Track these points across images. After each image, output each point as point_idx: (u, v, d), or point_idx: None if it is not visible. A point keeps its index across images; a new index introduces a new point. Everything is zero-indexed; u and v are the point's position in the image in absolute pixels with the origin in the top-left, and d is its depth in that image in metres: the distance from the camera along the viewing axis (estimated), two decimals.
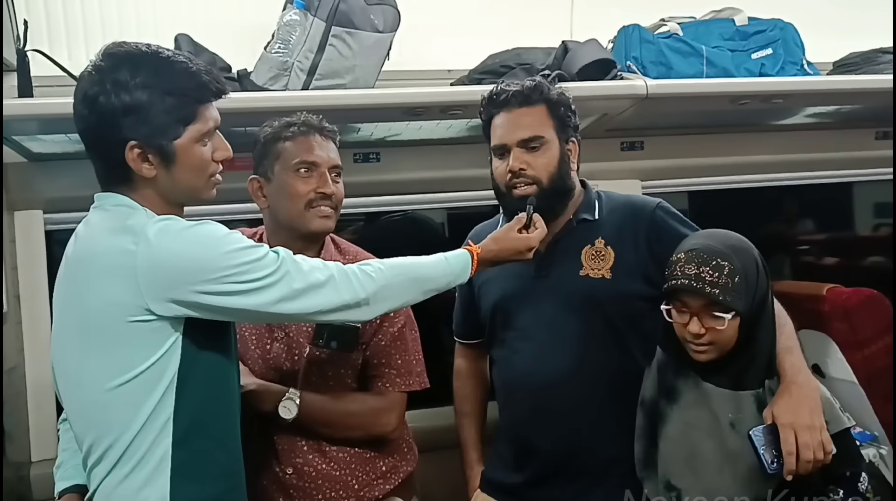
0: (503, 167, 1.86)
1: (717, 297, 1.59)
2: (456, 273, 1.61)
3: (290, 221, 1.80)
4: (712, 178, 3.02)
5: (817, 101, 2.69)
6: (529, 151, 1.84)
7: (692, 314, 1.63)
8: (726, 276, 1.59)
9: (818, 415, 1.58)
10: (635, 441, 1.79)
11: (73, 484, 1.58)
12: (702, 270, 1.60)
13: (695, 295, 1.61)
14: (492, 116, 1.90)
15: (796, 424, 1.56)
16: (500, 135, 1.87)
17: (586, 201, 1.94)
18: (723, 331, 1.61)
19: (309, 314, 1.44)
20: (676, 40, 2.57)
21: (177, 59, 1.41)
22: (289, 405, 1.75)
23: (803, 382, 1.63)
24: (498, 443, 2.03)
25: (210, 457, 1.44)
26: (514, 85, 1.88)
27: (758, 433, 1.60)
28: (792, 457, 1.54)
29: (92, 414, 1.40)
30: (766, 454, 1.58)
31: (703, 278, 1.59)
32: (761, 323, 1.66)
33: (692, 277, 1.60)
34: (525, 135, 1.84)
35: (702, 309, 1.62)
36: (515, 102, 1.86)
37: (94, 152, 1.43)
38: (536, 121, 1.85)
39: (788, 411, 1.58)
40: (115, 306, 1.34)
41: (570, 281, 1.87)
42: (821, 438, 1.56)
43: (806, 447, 1.54)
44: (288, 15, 2.22)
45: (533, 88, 1.86)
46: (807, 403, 1.59)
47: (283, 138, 1.82)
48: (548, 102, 1.87)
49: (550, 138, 1.86)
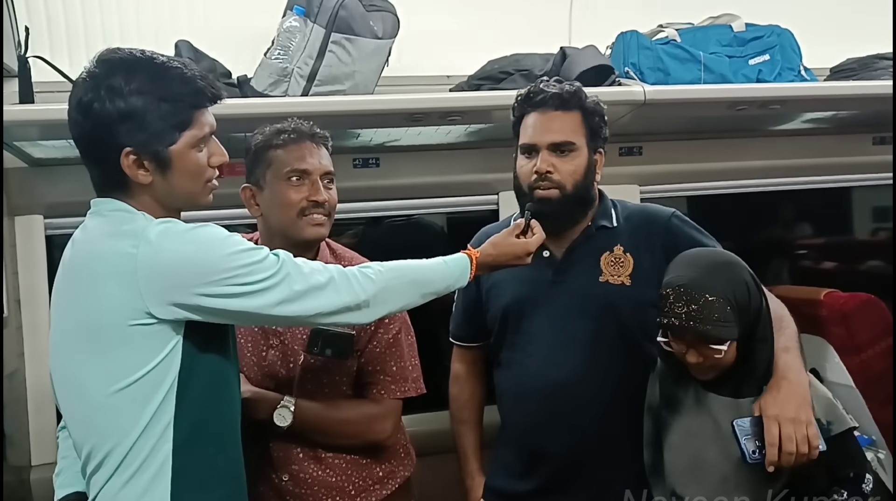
0: (529, 167, 1.85)
1: (708, 333, 1.59)
2: (455, 277, 1.61)
3: (283, 229, 1.79)
4: (710, 183, 3.02)
5: (814, 106, 2.70)
6: (559, 155, 1.84)
7: (688, 346, 1.64)
8: (716, 311, 1.59)
9: (805, 410, 1.58)
10: (644, 448, 1.80)
11: (73, 492, 1.56)
12: (690, 308, 1.59)
13: (687, 333, 1.62)
14: (525, 113, 1.89)
15: (781, 416, 1.57)
16: (530, 134, 1.86)
17: (603, 208, 1.94)
18: (721, 358, 1.62)
19: (309, 316, 1.43)
20: (674, 46, 2.58)
21: (171, 65, 1.39)
22: (284, 412, 1.74)
23: (794, 378, 1.64)
24: (502, 450, 2.01)
25: (211, 462, 1.43)
26: (554, 87, 1.86)
27: (742, 424, 1.61)
28: (774, 448, 1.55)
29: (91, 420, 1.39)
30: (748, 444, 1.59)
31: (693, 317, 1.59)
32: (758, 335, 1.67)
33: (682, 316, 1.60)
34: (557, 138, 1.84)
35: (697, 341, 1.62)
36: (552, 104, 1.85)
37: (90, 159, 1.41)
38: (570, 126, 1.85)
39: (775, 404, 1.59)
40: (115, 310, 1.32)
41: (590, 287, 1.87)
42: (806, 432, 1.56)
43: (789, 439, 1.55)
44: (288, 21, 2.23)
45: (572, 93, 1.86)
46: (794, 398, 1.60)
47: (273, 146, 1.80)
48: (583, 110, 1.87)
49: (581, 146, 1.85)
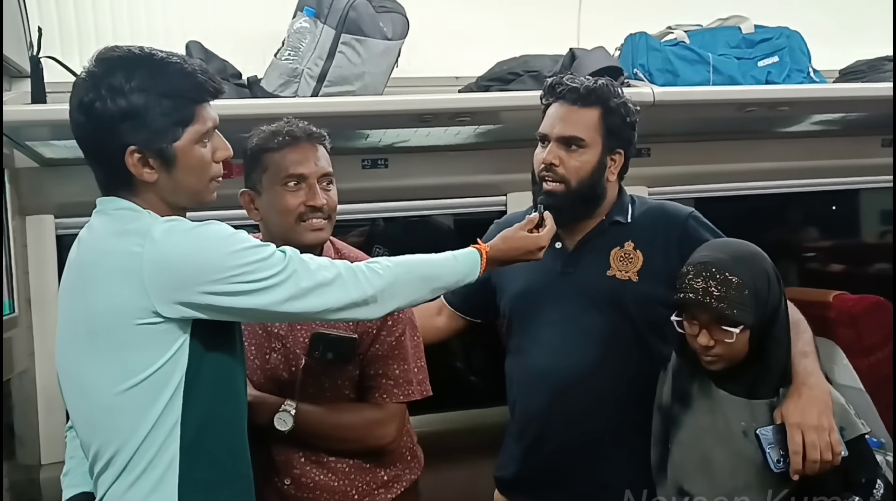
0: (540, 156, 1.87)
1: (724, 311, 1.59)
2: (465, 272, 1.59)
3: (282, 234, 1.73)
4: (718, 185, 3.03)
5: (823, 108, 2.69)
6: (567, 149, 1.85)
7: (701, 327, 1.64)
8: (734, 290, 1.59)
9: (827, 417, 1.58)
10: (651, 446, 1.80)
11: (80, 492, 1.56)
12: (709, 284, 1.60)
13: (703, 309, 1.62)
14: (549, 103, 1.91)
15: (804, 424, 1.56)
16: (545, 124, 1.89)
17: (620, 203, 1.95)
18: (732, 344, 1.61)
19: (317, 312, 1.42)
20: (683, 48, 2.58)
21: (171, 61, 1.37)
22: (284, 417, 1.71)
23: (814, 384, 1.63)
24: (508, 439, 2.03)
25: (218, 461, 1.43)
26: (575, 80, 1.87)
27: (765, 433, 1.60)
28: (798, 456, 1.55)
29: (99, 420, 1.38)
30: (773, 452, 1.59)
31: (711, 293, 1.59)
32: (774, 334, 1.66)
33: (699, 291, 1.60)
34: (567, 132, 1.84)
35: (710, 322, 1.62)
36: (570, 97, 1.86)
37: (94, 159, 1.41)
38: (584, 122, 1.85)
39: (797, 411, 1.58)
40: (121, 310, 1.32)
41: (597, 280, 1.88)
42: (829, 439, 1.55)
43: (812, 447, 1.54)
44: (298, 22, 2.24)
45: (592, 89, 1.86)
46: (816, 404, 1.59)
47: (269, 149, 1.75)
48: (604, 107, 1.86)
49: (592, 143, 1.85)
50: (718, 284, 1.60)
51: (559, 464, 1.89)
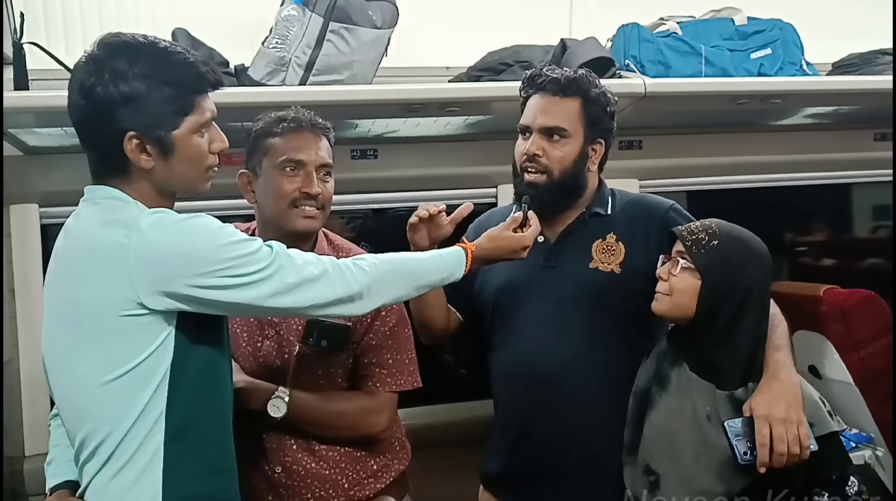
0: (522, 148, 1.88)
1: (686, 241, 1.69)
2: (450, 270, 1.61)
3: (274, 219, 1.78)
4: (710, 178, 3.02)
5: (816, 101, 2.69)
6: (550, 140, 1.85)
7: (669, 260, 1.73)
8: (707, 240, 1.67)
9: (796, 410, 1.58)
10: (625, 428, 1.81)
11: (64, 480, 1.55)
12: (695, 228, 1.70)
13: (678, 240, 1.72)
14: (529, 95, 1.91)
15: (771, 417, 1.57)
16: (527, 116, 1.89)
17: (600, 195, 1.95)
18: (678, 279, 1.68)
19: (303, 308, 1.43)
20: (675, 39, 2.57)
21: (174, 50, 1.39)
22: (278, 403, 1.73)
23: (784, 377, 1.63)
24: (492, 437, 2.02)
25: (203, 453, 1.43)
26: (556, 72, 1.88)
27: (733, 425, 1.61)
28: (765, 449, 1.55)
29: (84, 410, 1.39)
30: (740, 445, 1.59)
31: (692, 231, 1.70)
32: (744, 322, 1.67)
33: (686, 228, 1.72)
34: (550, 123, 1.85)
35: (676, 256, 1.71)
36: (551, 88, 1.86)
37: (90, 144, 1.41)
38: (566, 113, 1.86)
39: (765, 403, 1.59)
40: (107, 300, 1.32)
41: (579, 273, 1.88)
42: (797, 433, 1.56)
43: (780, 440, 1.55)
44: (286, 10, 2.22)
45: (572, 79, 1.86)
46: (785, 397, 1.59)
47: (272, 134, 1.78)
48: (584, 98, 1.87)
49: (574, 133, 1.86)
50: (703, 233, 1.69)
51: (543, 459, 1.89)
